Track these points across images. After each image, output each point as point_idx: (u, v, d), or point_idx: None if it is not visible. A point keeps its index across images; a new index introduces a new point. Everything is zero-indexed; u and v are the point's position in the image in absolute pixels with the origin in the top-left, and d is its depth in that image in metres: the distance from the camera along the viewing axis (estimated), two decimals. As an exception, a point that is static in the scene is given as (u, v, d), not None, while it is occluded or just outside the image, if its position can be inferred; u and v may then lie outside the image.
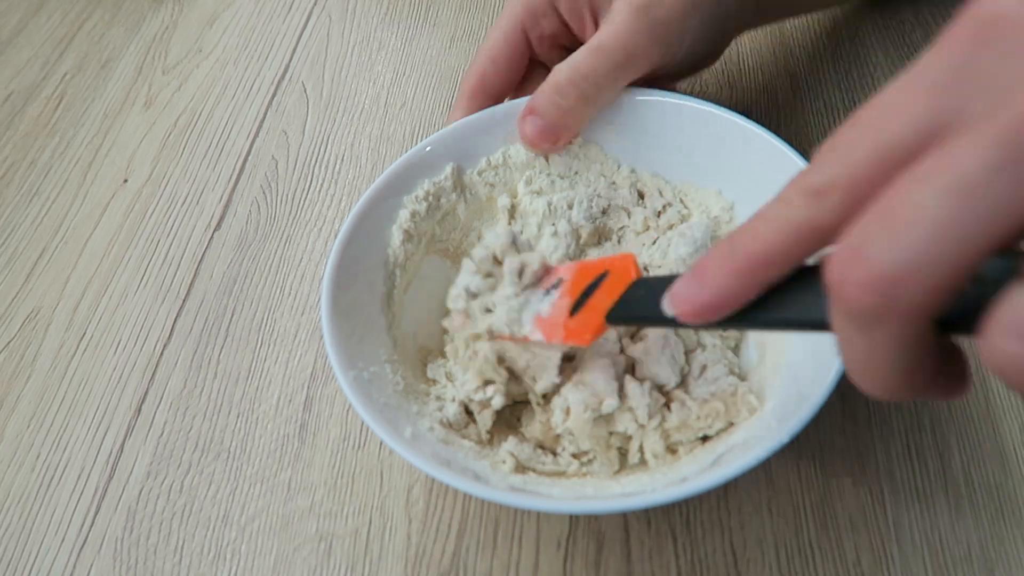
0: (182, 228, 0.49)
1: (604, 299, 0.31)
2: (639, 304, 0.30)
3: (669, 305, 0.26)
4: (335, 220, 0.48)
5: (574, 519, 0.35)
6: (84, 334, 0.44)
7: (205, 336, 0.44)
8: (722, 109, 0.39)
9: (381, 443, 0.39)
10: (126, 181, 0.52)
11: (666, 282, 0.27)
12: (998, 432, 0.36)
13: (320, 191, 0.50)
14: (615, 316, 0.30)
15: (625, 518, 0.35)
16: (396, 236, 0.39)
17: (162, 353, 0.43)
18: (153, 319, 0.45)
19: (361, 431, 0.39)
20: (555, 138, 0.40)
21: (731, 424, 0.34)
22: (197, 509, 0.37)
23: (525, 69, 0.43)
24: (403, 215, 0.39)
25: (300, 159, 0.52)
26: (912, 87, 0.20)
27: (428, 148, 0.40)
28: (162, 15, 0.63)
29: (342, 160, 0.51)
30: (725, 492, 0.36)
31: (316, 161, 0.52)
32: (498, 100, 0.42)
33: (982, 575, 0.33)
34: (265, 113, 0.55)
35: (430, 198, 0.40)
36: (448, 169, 0.41)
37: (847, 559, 0.34)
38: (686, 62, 0.42)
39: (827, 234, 0.21)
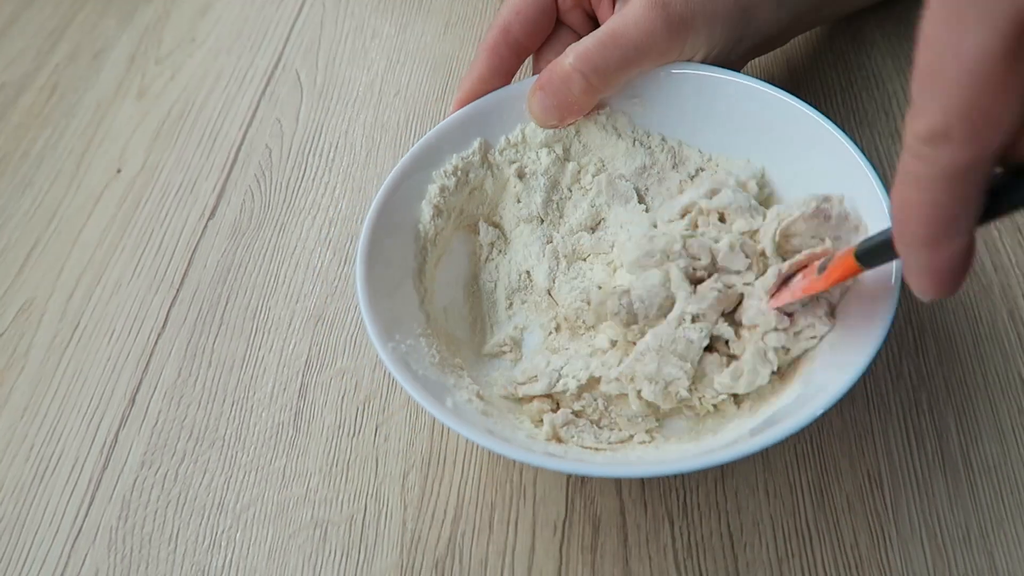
0: (176, 217, 0.49)
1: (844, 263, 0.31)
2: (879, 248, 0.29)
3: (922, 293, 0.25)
4: (329, 208, 0.48)
5: (570, 504, 0.35)
6: (78, 324, 0.44)
7: (199, 325, 0.43)
8: (747, 78, 0.39)
9: (376, 430, 0.38)
10: (119, 171, 0.52)
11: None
12: (996, 413, 0.36)
13: (314, 179, 0.50)
14: (864, 257, 0.30)
15: (622, 502, 0.35)
16: (426, 211, 0.39)
17: (156, 342, 0.43)
18: (147, 309, 0.44)
19: (356, 418, 0.39)
20: (561, 117, 0.40)
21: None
22: (192, 497, 0.37)
23: (552, 26, 0.42)
24: (432, 190, 0.39)
25: (294, 147, 0.51)
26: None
27: (455, 122, 0.40)
28: (155, 5, 0.63)
29: (336, 148, 0.51)
30: (722, 474, 0.35)
31: (310, 149, 0.51)
32: (521, 56, 0.42)
33: (981, 557, 0.33)
34: (259, 102, 0.55)
35: (459, 173, 0.40)
36: (476, 144, 0.40)
37: (844, 541, 0.33)
38: None
39: (983, 164, 0.21)
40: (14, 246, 0.48)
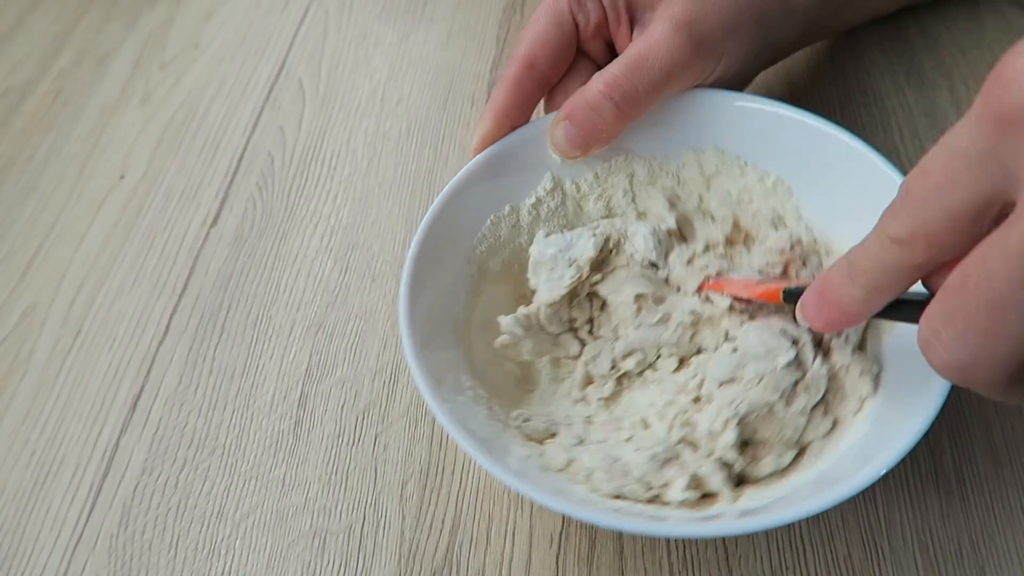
0: (178, 224, 0.49)
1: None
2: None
3: (801, 317, 0.30)
4: (330, 216, 0.48)
5: (566, 516, 0.36)
6: (80, 330, 0.45)
7: (201, 332, 0.44)
8: (765, 100, 0.39)
9: (375, 439, 0.39)
10: (122, 177, 0.52)
11: None
12: (989, 430, 0.36)
13: (316, 187, 0.50)
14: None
15: (618, 514, 0.35)
16: (470, 266, 0.39)
17: (158, 349, 0.43)
18: (149, 315, 0.45)
19: (355, 428, 0.39)
20: (587, 148, 0.39)
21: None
22: (192, 505, 0.38)
23: (572, 56, 0.41)
24: (474, 244, 0.39)
25: (296, 155, 0.52)
26: (962, 158, 0.24)
27: (479, 168, 0.39)
28: (159, 10, 0.63)
29: (338, 156, 0.51)
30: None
31: (312, 157, 0.52)
32: (544, 89, 0.41)
33: (973, 571, 0.33)
34: (262, 109, 0.55)
35: (489, 239, 0.40)
36: (507, 208, 0.40)
37: (838, 555, 0.34)
38: (715, 86, 0.41)
39: (922, 270, 0.26)
40: (17, 251, 0.49)
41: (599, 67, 0.39)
